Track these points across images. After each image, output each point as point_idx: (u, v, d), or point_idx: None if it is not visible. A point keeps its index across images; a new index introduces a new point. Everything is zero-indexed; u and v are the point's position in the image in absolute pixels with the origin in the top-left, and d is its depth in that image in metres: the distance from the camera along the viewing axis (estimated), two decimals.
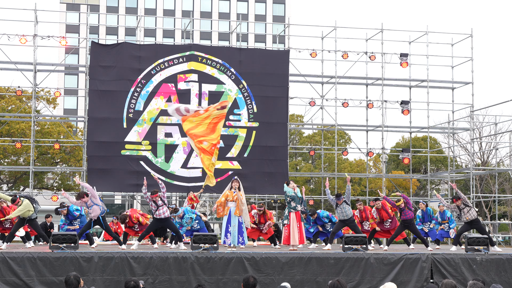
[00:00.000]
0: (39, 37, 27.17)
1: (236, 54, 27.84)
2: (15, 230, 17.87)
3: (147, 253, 14.75)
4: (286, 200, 17.86)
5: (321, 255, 15.52)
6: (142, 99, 26.58)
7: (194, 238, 15.51)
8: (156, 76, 26.79)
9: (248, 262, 15.02)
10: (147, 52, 27.13)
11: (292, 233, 17.54)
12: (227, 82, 27.30)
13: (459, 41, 31.31)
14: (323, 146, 32.26)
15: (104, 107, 26.13)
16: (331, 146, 39.27)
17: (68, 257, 14.27)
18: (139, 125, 26.34)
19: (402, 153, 30.70)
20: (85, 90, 27.82)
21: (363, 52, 29.88)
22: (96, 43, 27.28)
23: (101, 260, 14.38)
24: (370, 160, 33.33)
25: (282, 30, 39.74)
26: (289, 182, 17.99)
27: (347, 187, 18.16)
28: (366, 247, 16.14)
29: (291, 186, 17.80)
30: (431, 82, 31.05)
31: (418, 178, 42.61)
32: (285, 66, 28.06)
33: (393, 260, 15.68)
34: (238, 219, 17.67)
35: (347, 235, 16.53)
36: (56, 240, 14.77)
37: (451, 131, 32.90)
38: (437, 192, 54.92)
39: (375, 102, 29.98)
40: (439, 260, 15.82)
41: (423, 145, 48.43)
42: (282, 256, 15.25)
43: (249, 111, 27.40)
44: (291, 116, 43.61)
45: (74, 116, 53.23)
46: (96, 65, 26.51)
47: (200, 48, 27.72)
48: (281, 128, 27.43)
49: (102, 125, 25.66)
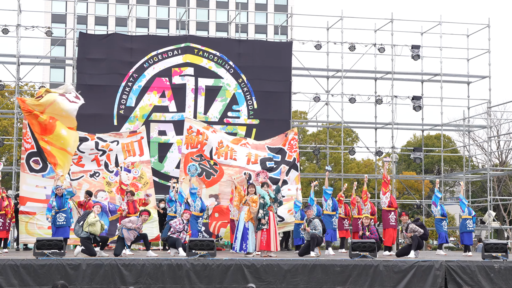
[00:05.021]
0: (22, 27, 27.13)
1: (235, 46, 27.80)
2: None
3: (139, 260, 14.74)
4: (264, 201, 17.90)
5: (327, 262, 15.51)
6: (134, 95, 26.55)
7: (190, 244, 15.51)
8: (149, 70, 26.76)
9: (247, 270, 15.01)
10: (139, 44, 27.10)
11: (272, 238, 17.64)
12: (225, 76, 27.27)
13: (475, 31, 31.28)
14: (328, 145, 32.26)
15: (93, 103, 26.03)
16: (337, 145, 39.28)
17: (54, 264, 14.25)
18: (131, 122, 26.31)
19: (414, 152, 30.68)
20: (72, 84, 27.75)
21: (371, 44, 29.86)
22: (84, 34, 27.23)
23: (89, 267, 14.38)
24: (379, 160, 33.29)
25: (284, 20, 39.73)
26: (263, 185, 18.28)
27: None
28: (374, 254, 16.12)
29: (264, 188, 17.98)
30: (445, 76, 31.02)
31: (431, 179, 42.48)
32: (287, 59, 28.02)
33: (404, 267, 15.66)
34: (245, 225, 17.75)
35: (354, 240, 16.51)
36: (41, 246, 14.75)
37: (467, 128, 32.88)
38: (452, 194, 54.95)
39: (384, 97, 29.96)
40: (454, 268, 15.80)
41: (436, 144, 48.45)
42: (285, 264, 15.24)
43: (249, 107, 27.38)
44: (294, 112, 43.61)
45: None
46: (84, 58, 26.46)
47: (196, 39, 27.68)
48: (283, 126, 27.37)
49: (90, 122, 25.56)
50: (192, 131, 22.97)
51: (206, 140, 22.92)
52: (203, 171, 22.72)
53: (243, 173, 22.30)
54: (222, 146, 22.94)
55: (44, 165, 21.62)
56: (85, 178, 22.00)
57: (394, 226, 20.55)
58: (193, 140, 22.84)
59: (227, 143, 23.12)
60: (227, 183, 22.32)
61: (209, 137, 23.00)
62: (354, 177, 39.52)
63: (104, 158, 22.32)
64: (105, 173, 22.12)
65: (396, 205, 20.83)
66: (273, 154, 23.48)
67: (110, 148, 22.34)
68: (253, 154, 23.16)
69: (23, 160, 21.60)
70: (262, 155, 23.29)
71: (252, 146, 23.45)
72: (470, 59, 31.30)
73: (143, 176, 22.42)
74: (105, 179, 22.02)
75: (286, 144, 23.60)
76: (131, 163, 22.35)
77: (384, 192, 20.66)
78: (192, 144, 22.81)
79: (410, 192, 38.08)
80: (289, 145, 23.60)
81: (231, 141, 23.43)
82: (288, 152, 23.52)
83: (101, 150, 22.31)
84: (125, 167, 22.15)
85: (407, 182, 42.40)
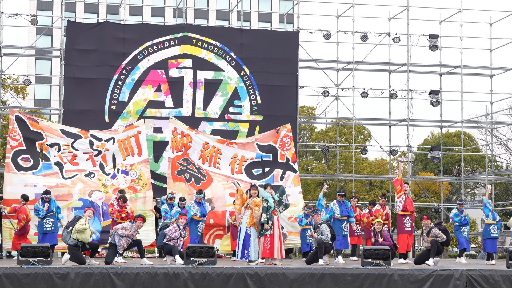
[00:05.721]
0: (5, 15, 27.15)
1: (237, 36, 27.80)
2: None
3: (132, 269, 14.75)
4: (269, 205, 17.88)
5: (337, 271, 15.51)
6: (127, 89, 26.56)
7: (187, 250, 15.50)
8: (144, 62, 26.76)
9: (250, 279, 15.01)
10: (133, 33, 27.10)
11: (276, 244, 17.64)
12: (226, 69, 27.28)
13: (499, 20, 31.24)
14: (338, 144, 32.25)
15: (82, 97, 26.10)
16: (348, 143, 39.24)
17: (40, 273, 14.27)
18: (124, 118, 26.32)
19: (431, 151, 30.66)
20: (59, 77, 27.79)
21: (385, 34, 29.84)
22: (72, 23, 27.24)
23: (78, 277, 14.39)
24: (393, 160, 33.29)
25: (290, 8, 39.69)
26: (266, 186, 18.28)
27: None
28: (389, 262, 16.11)
29: (268, 190, 18.00)
30: (466, 68, 31.00)
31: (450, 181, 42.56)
32: (294, 50, 28.01)
33: (421, 277, 15.65)
34: (247, 230, 17.73)
35: (366, 247, 16.50)
36: (25, 254, 14.75)
37: (489, 125, 32.84)
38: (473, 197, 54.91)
39: (399, 92, 29.95)
40: (476, 277, 15.77)
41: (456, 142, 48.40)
42: (291, 272, 15.24)
43: (252, 102, 27.38)
44: (301, 108, 43.56)
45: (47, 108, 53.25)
46: (73, 49, 26.46)
47: (194, 29, 27.68)
48: (289, 122, 27.39)
49: (80, 119, 25.62)
50: (177, 133, 22.94)
51: (190, 143, 22.92)
52: (191, 176, 22.72)
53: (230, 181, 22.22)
54: (208, 147, 22.94)
55: (36, 162, 21.62)
56: (80, 177, 21.91)
57: (410, 232, 20.51)
58: (178, 142, 22.84)
59: (213, 143, 23.12)
60: (219, 187, 22.37)
61: (193, 139, 22.99)
62: (366, 178, 39.53)
63: (100, 159, 22.29)
64: (101, 175, 22.10)
65: (412, 209, 20.77)
66: (263, 153, 23.33)
67: (106, 148, 22.34)
68: (239, 157, 23.07)
69: (8, 159, 21.58)
70: (249, 157, 23.15)
71: (239, 146, 23.29)
72: (493, 50, 31.28)
73: (141, 177, 22.38)
74: (101, 181, 22.00)
75: (278, 141, 23.43)
76: (129, 165, 22.36)
77: (398, 195, 20.59)
78: (177, 147, 22.79)
79: (428, 194, 38.03)
80: (280, 142, 23.48)
81: (216, 140, 23.38)
82: (280, 150, 23.36)
83: (96, 150, 22.30)
84: (123, 170, 22.19)
85: (424, 184, 42.36)
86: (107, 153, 22.38)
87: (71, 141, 21.97)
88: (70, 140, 22.10)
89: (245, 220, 17.84)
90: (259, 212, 17.61)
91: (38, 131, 21.90)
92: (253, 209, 17.65)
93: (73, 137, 22.12)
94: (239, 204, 18.17)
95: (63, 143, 22.04)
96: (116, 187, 21.35)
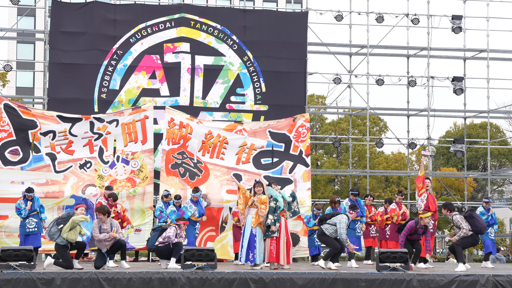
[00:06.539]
0: None
1: (240, 17, 27.81)
2: None
3: (124, 274, 14.77)
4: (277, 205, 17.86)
5: (349, 276, 15.51)
6: (118, 75, 26.60)
7: (185, 253, 15.51)
8: (137, 46, 26.80)
9: (255, 285, 15.02)
10: (125, 14, 27.13)
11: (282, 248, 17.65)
12: (228, 54, 27.29)
13: None
14: (351, 136, 32.24)
15: (69, 85, 26.15)
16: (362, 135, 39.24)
17: (22, 279, 14.28)
18: (115, 108, 26.35)
19: (454, 144, 30.66)
20: (43, 63, 27.83)
21: (403, 14, 29.81)
22: (58, 2, 27.23)
23: (64, 282, 14.40)
24: (412, 154, 33.29)
25: None
26: (270, 184, 18.25)
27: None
28: (407, 266, 16.11)
29: (275, 188, 17.97)
30: (492, 52, 30.97)
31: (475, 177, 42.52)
32: (302, 33, 28.02)
33: (442, 283, 15.64)
34: (252, 231, 17.70)
35: (382, 250, 16.50)
36: (6, 257, 14.77)
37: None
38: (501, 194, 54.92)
39: (418, 79, 29.94)
40: (504, 284, 15.76)
41: (481, 134, 48.36)
42: (299, 277, 15.25)
43: (256, 90, 27.40)
44: (310, 97, 43.62)
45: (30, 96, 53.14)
46: (58, 31, 26.52)
47: (193, 9, 27.69)
48: (296, 113, 27.32)
49: (66, 108, 25.58)
50: (174, 124, 22.71)
51: (190, 134, 22.61)
52: (186, 171, 22.65)
53: (231, 174, 22.19)
54: (212, 137, 22.62)
55: (26, 155, 21.53)
56: (73, 170, 21.77)
57: (431, 233, 20.48)
58: (176, 134, 22.64)
59: (218, 132, 22.74)
60: (215, 184, 22.38)
61: (194, 129, 22.69)
62: (382, 174, 39.54)
63: (100, 143, 22.02)
64: (98, 164, 21.89)
65: (435, 208, 20.57)
66: (275, 142, 23.08)
67: (108, 130, 22.01)
68: (248, 146, 22.91)
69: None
70: (259, 145, 22.92)
71: (249, 133, 22.98)
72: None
73: (142, 169, 22.19)
74: (97, 171, 21.84)
75: (293, 131, 23.06)
76: (131, 153, 22.17)
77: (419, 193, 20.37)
78: (174, 139, 22.59)
79: (450, 192, 38.03)
80: (296, 132, 23.21)
81: (224, 128, 23.06)
82: (294, 141, 23.04)
83: (96, 133, 22.06)
84: (123, 158, 22.04)
85: (446, 180, 42.37)
86: (109, 137, 22.03)
87: (69, 126, 21.66)
88: (67, 125, 21.78)
89: (250, 220, 17.77)
90: (266, 210, 17.58)
91: (31, 118, 21.62)
92: (259, 207, 17.61)
93: (71, 121, 21.85)
94: (243, 203, 18.08)
95: (60, 129, 21.72)
96: (114, 179, 21.30)
